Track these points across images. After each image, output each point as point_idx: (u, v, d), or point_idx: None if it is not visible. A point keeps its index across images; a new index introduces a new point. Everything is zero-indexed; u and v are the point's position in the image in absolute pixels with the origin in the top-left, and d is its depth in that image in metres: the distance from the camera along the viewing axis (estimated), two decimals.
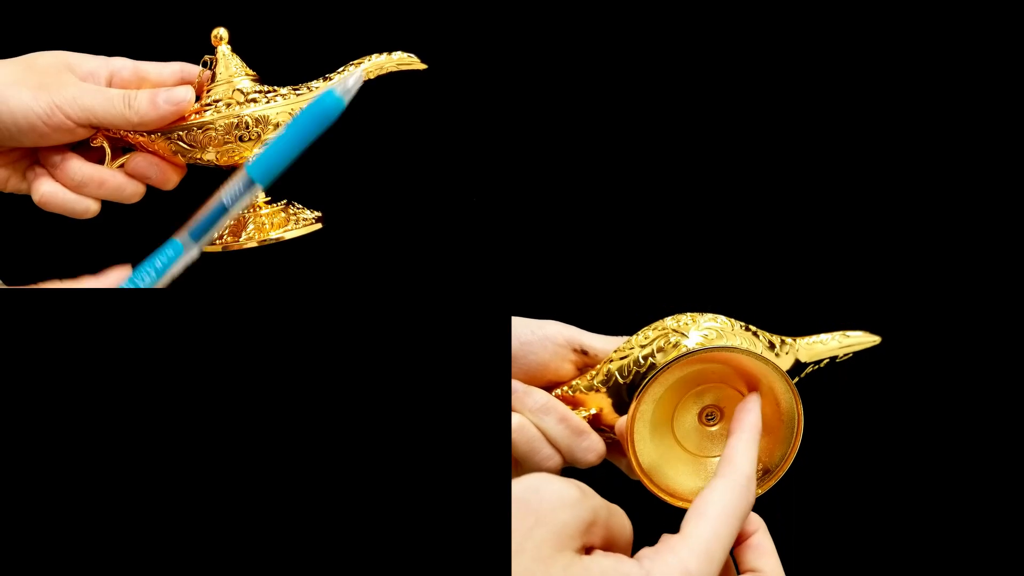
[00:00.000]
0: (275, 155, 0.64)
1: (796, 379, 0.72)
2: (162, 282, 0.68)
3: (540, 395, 0.73)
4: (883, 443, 0.95)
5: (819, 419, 0.73)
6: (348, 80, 0.64)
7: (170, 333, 0.82)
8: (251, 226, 0.81)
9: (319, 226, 0.81)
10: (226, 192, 0.66)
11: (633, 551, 0.60)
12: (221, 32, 0.80)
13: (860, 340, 0.75)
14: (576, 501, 0.58)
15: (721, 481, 0.62)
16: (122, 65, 0.80)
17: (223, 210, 0.66)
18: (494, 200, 0.92)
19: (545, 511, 0.58)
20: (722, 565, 0.59)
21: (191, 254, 0.67)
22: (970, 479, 0.95)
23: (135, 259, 0.90)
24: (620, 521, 0.61)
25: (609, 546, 0.60)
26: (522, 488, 0.60)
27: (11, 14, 0.90)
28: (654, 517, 0.65)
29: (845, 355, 0.75)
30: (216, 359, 0.83)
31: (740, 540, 0.63)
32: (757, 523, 0.63)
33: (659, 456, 0.72)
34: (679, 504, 0.70)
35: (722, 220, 0.96)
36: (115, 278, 0.71)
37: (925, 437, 0.95)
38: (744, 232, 0.97)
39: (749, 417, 0.66)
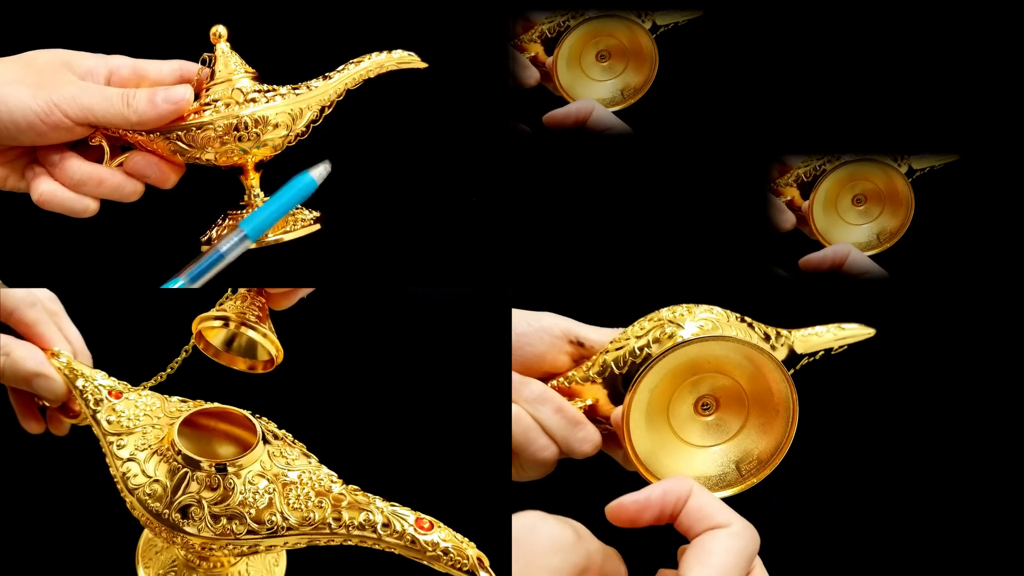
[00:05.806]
0: (265, 217, 0.79)
1: (791, 371, 0.72)
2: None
3: (536, 385, 0.73)
4: (877, 435, 0.95)
5: (813, 411, 0.72)
6: (319, 168, 0.80)
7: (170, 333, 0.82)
8: None
9: (318, 227, 0.81)
10: (223, 243, 0.78)
11: None
12: (220, 30, 0.79)
13: (855, 332, 0.75)
14: (570, 546, 0.58)
15: (723, 530, 0.58)
16: (121, 63, 0.79)
17: (220, 258, 0.78)
18: (492, 194, 0.92)
19: (537, 554, 0.57)
20: None
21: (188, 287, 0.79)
22: (964, 471, 0.94)
23: (132, 258, 0.90)
24: (615, 566, 0.60)
25: None
26: (518, 526, 0.59)
27: (10, 12, 0.90)
28: (651, 559, 0.63)
29: (840, 347, 0.75)
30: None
31: None
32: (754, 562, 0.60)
33: (655, 446, 0.71)
34: None
35: (718, 213, 0.96)
36: None
37: (919, 430, 0.95)
38: (741, 225, 0.97)
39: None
